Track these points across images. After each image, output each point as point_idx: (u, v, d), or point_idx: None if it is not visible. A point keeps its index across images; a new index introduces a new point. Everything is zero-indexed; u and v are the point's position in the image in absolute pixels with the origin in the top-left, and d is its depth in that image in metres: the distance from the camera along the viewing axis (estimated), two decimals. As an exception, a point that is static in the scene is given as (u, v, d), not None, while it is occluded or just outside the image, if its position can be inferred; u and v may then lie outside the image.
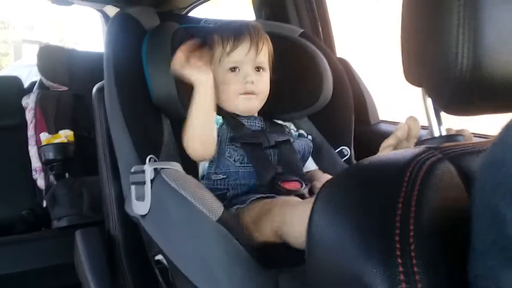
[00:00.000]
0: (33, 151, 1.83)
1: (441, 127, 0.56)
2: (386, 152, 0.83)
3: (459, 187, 0.42)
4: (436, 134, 0.56)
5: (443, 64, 0.45)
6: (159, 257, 0.92)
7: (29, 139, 1.84)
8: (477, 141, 0.49)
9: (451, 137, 0.55)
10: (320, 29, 1.53)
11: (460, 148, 0.46)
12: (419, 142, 0.56)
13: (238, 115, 1.05)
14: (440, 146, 0.46)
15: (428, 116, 0.56)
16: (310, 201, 0.92)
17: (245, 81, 1.02)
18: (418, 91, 0.58)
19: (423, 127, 0.71)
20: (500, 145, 0.33)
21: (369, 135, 1.35)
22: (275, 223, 0.81)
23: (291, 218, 0.78)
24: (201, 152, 0.97)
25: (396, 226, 0.37)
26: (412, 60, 0.53)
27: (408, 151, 0.46)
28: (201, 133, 0.96)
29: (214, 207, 0.77)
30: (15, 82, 2.03)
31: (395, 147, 0.83)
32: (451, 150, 0.45)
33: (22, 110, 1.90)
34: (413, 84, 0.55)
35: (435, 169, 0.41)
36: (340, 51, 1.54)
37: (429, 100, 0.56)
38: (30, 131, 1.84)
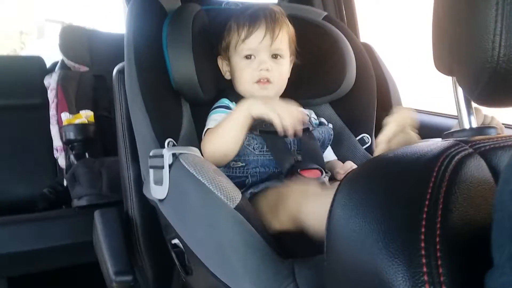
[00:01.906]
0: (54, 130, 1.85)
1: (472, 118, 0.54)
2: (380, 149, 0.80)
3: (489, 184, 0.40)
4: (467, 126, 0.53)
5: (477, 52, 0.43)
6: (175, 241, 0.93)
7: (50, 119, 1.86)
8: (510, 133, 0.47)
9: (482, 129, 0.53)
10: (344, 13, 1.49)
11: (491, 142, 0.44)
12: (447, 134, 0.53)
13: None
14: (470, 139, 0.44)
15: (459, 106, 0.54)
16: (328, 188, 0.91)
17: (259, 68, 1.00)
18: (447, 79, 0.55)
19: (453, 116, 0.68)
20: None
21: (391, 123, 1.32)
22: (293, 210, 0.79)
23: (309, 206, 0.77)
24: (218, 162, 0.91)
25: (421, 225, 0.35)
26: (443, 47, 0.50)
27: (437, 144, 0.44)
28: (229, 148, 0.92)
29: (232, 194, 0.76)
30: (37, 62, 2.05)
31: (390, 142, 0.80)
32: (482, 144, 0.43)
33: (44, 90, 1.93)
34: (443, 73, 0.52)
35: (465, 164, 0.39)
36: (364, 36, 1.50)
37: (460, 90, 0.53)
38: (52, 111, 1.87)
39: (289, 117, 0.85)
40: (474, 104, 0.53)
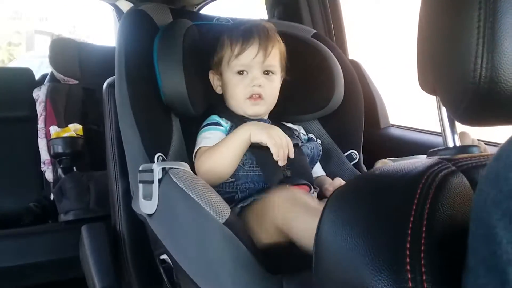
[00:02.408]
0: (42, 143, 1.84)
1: (456, 137, 0.55)
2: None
3: (472, 201, 0.41)
4: (450, 144, 0.55)
5: (460, 73, 0.44)
6: (164, 256, 0.92)
7: (38, 132, 1.85)
8: (492, 152, 0.48)
9: (465, 148, 0.54)
10: (333, 30, 1.52)
11: (474, 160, 0.45)
12: (432, 152, 0.54)
13: (246, 117, 1.05)
14: (453, 158, 0.45)
15: (443, 125, 0.55)
16: (316, 201, 0.91)
17: (252, 84, 1.01)
18: (431, 97, 0.57)
19: (438, 134, 0.70)
20: (501, 160, 0.31)
21: (378, 139, 1.34)
22: (278, 220, 0.79)
23: (297, 221, 0.77)
24: (212, 182, 0.89)
25: (407, 240, 0.36)
26: (427, 68, 0.52)
27: (421, 162, 0.45)
28: (224, 170, 0.94)
29: (221, 209, 0.76)
30: (26, 74, 2.04)
31: None
32: (464, 162, 0.44)
33: (33, 102, 1.91)
34: (428, 93, 0.54)
35: (448, 182, 0.41)
36: (352, 53, 1.53)
37: (444, 110, 0.55)
38: (40, 124, 1.85)
39: (285, 147, 0.89)
40: (460, 127, 0.55)
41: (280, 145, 0.89)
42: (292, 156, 0.91)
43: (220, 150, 0.93)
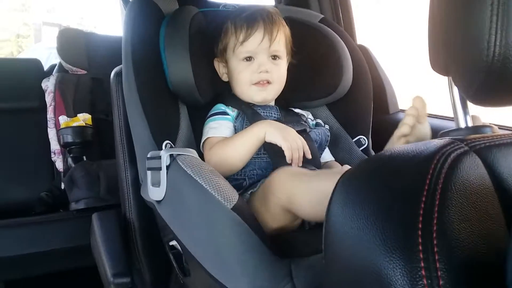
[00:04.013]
0: (52, 133, 1.85)
1: (468, 118, 0.54)
2: (400, 143, 0.81)
3: (485, 181, 0.40)
4: (462, 125, 0.54)
5: (473, 52, 0.43)
6: (173, 242, 0.93)
7: (48, 122, 1.86)
8: (506, 132, 0.47)
9: (477, 128, 0.53)
10: (341, 15, 1.50)
11: (487, 140, 0.44)
12: (444, 133, 0.53)
13: (254, 104, 1.04)
14: (466, 138, 0.44)
15: (455, 106, 0.54)
16: (319, 171, 0.91)
17: (259, 70, 1.01)
18: (443, 80, 0.56)
19: (449, 118, 0.69)
20: None
21: (387, 125, 1.31)
22: (282, 198, 0.80)
23: (297, 193, 0.77)
24: (222, 173, 0.85)
25: (419, 221, 0.36)
26: (439, 47, 0.50)
27: (432, 142, 0.44)
28: (236, 164, 0.94)
29: (229, 195, 0.76)
30: (35, 64, 2.05)
31: (409, 135, 0.81)
32: (477, 142, 0.43)
33: (42, 93, 1.93)
34: (439, 73, 0.53)
35: (461, 162, 0.40)
36: (361, 37, 1.51)
37: (456, 90, 0.54)
38: (50, 114, 1.87)
39: (300, 148, 0.91)
40: (471, 109, 0.54)
41: (295, 148, 0.90)
42: (309, 156, 0.92)
43: (234, 144, 0.94)
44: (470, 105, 0.54)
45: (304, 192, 0.77)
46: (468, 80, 0.46)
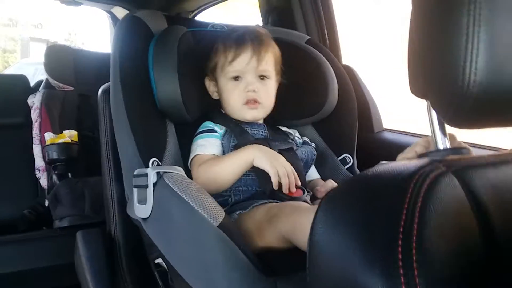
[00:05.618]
0: (37, 150, 1.84)
1: (445, 140, 0.56)
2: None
3: (463, 201, 0.42)
4: (441, 146, 0.56)
5: (449, 78, 0.45)
6: (159, 260, 0.92)
7: (33, 138, 1.84)
8: (482, 154, 0.49)
9: (455, 150, 0.55)
10: (327, 36, 1.53)
11: (464, 162, 0.46)
12: (422, 155, 0.55)
13: (242, 122, 1.06)
14: (444, 159, 0.46)
15: (433, 128, 0.56)
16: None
17: (246, 89, 1.02)
18: (423, 101, 0.57)
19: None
20: None
21: (372, 143, 1.35)
22: (284, 229, 0.80)
23: (302, 225, 0.78)
24: (209, 192, 0.86)
25: (398, 238, 0.37)
26: (418, 72, 0.53)
27: (412, 163, 0.45)
28: (223, 185, 0.96)
29: (215, 212, 0.77)
30: (21, 80, 2.04)
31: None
32: (455, 163, 0.45)
33: (27, 109, 1.91)
34: (418, 97, 0.55)
35: (439, 182, 0.41)
36: (346, 58, 1.54)
37: (434, 113, 0.56)
38: (35, 130, 1.85)
39: (290, 175, 0.92)
40: (448, 128, 0.56)
41: (282, 174, 0.91)
42: (298, 183, 0.94)
43: (222, 165, 0.95)
44: (447, 126, 0.56)
45: (305, 226, 0.76)
46: (445, 104, 0.47)
